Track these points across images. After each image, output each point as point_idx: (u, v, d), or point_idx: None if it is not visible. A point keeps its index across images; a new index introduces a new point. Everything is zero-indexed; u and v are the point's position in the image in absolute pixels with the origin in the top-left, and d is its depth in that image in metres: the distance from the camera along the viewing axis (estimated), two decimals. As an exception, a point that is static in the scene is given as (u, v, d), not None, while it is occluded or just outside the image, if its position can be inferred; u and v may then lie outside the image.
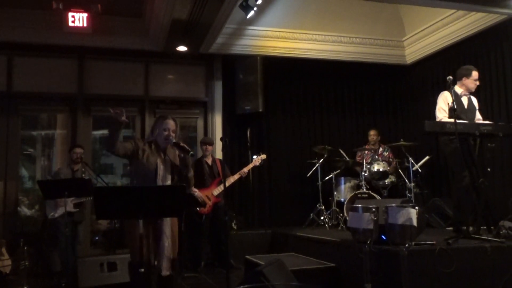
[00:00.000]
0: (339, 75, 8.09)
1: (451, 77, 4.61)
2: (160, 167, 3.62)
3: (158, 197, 3.08)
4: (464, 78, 4.98)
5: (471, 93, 5.09)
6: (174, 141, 3.66)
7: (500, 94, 6.27)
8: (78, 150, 5.80)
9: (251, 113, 7.29)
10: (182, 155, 3.68)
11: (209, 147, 6.19)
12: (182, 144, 3.65)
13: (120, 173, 8.34)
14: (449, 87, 4.64)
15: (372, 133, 7.23)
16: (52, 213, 5.51)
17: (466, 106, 4.92)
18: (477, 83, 4.97)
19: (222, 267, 5.77)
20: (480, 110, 5.16)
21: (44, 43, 6.60)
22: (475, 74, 4.97)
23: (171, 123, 3.71)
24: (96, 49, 6.88)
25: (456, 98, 4.75)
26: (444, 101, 4.90)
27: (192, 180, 3.85)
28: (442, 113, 4.83)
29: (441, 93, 4.98)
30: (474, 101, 5.09)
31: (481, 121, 5.00)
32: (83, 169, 5.76)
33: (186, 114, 7.62)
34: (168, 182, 3.64)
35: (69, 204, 5.44)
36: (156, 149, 3.69)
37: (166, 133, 3.67)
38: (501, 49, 6.30)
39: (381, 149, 7.17)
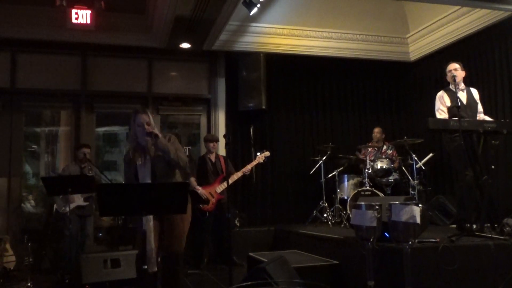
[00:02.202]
0: (342, 72, 8.07)
1: (455, 74, 4.59)
2: (140, 169, 3.53)
3: (161, 194, 3.08)
4: (446, 76, 4.95)
5: (471, 86, 5.06)
6: (146, 131, 3.52)
7: (504, 91, 6.24)
8: (86, 150, 5.82)
9: (254, 110, 7.29)
10: (152, 140, 3.53)
11: (212, 144, 6.20)
12: (150, 131, 3.50)
13: (123, 170, 8.36)
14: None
15: (376, 130, 7.20)
16: (63, 207, 5.50)
17: (465, 102, 4.86)
18: (452, 73, 4.78)
19: (225, 264, 5.78)
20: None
21: (47, 40, 6.61)
22: (449, 66, 4.92)
23: (142, 117, 3.57)
24: (99, 46, 6.89)
25: (453, 96, 4.70)
26: (441, 102, 4.87)
27: (180, 159, 3.59)
28: (442, 115, 4.81)
29: (437, 94, 4.96)
30: (475, 93, 5.00)
31: (482, 115, 4.96)
32: (89, 167, 5.79)
33: (189, 111, 7.63)
34: (147, 180, 3.51)
35: (80, 198, 5.51)
36: (136, 150, 3.59)
37: (140, 128, 3.56)
38: (506, 45, 6.27)
39: (385, 147, 7.15)
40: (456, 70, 4.84)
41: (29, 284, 4.81)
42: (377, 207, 3.41)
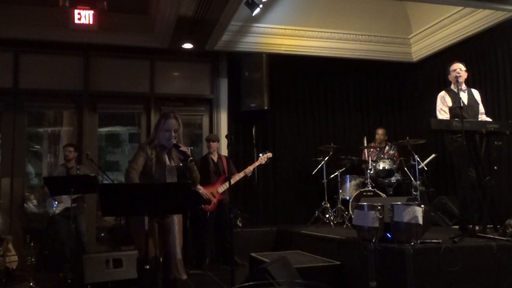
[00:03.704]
0: (345, 72, 8.06)
1: (459, 74, 4.57)
2: (167, 174, 3.59)
3: (163, 194, 3.08)
4: (449, 75, 4.94)
5: (474, 87, 5.05)
6: (174, 142, 3.55)
7: (507, 92, 6.22)
8: (68, 148, 5.96)
9: (257, 111, 7.29)
10: (182, 158, 3.58)
11: (214, 144, 6.20)
12: (182, 149, 3.53)
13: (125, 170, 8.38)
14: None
15: (380, 132, 7.19)
16: (53, 210, 5.65)
17: (466, 102, 4.84)
18: (457, 73, 4.77)
19: (227, 264, 5.79)
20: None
21: (50, 40, 6.63)
22: (453, 66, 4.91)
23: (173, 123, 3.59)
24: (102, 46, 6.90)
25: (455, 96, 4.69)
26: (442, 102, 4.85)
27: (198, 179, 3.75)
28: (443, 115, 4.79)
29: (439, 94, 4.95)
30: (476, 94, 4.98)
31: (484, 116, 4.95)
32: (78, 167, 5.86)
33: (192, 112, 7.63)
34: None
35: (67, 200, 5.51)
36: (161, 152, 3.62)
37: (168, 133, 3.58)
38: (509, 46, 6.25)
39: (387, 148, 7.14)
40: (460, 70, 4.84)
41: (31, 284, 4.83)
42: (379, 207, 3.41)
